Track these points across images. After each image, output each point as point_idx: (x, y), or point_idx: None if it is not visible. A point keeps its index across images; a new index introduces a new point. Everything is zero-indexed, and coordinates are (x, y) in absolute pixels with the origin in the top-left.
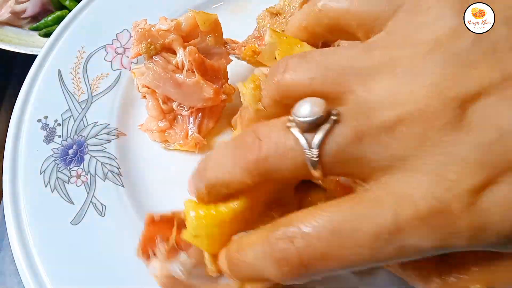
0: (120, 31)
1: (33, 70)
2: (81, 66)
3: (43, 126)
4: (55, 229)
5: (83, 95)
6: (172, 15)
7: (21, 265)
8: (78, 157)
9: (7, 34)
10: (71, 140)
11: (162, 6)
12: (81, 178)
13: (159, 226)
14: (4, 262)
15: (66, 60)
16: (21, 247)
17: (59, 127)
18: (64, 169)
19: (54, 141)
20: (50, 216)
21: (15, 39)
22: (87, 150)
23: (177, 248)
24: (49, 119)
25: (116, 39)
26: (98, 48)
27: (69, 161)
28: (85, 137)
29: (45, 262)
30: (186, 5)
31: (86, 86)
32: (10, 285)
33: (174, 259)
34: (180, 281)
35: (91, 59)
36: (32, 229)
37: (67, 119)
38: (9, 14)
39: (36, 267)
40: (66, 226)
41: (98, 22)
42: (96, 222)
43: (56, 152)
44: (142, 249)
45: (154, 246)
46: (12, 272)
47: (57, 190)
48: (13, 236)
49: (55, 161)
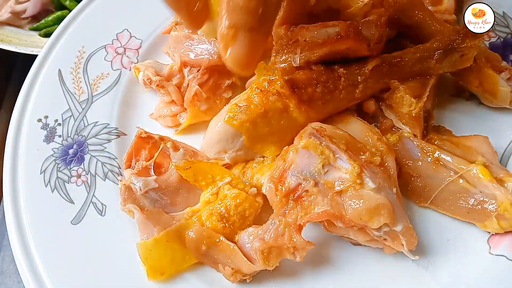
0: (120, 31)
1: (33, 70)
2: (81, 66)
3: (43, 125)
4: (55, 229)
5: (83, 95)
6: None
7: (21, 265)
8: (79, 156)
9: (7, 34)
10: (71, 139)
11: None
12: (81, 178)
13: (147, 144)
14: (4, 262)
15: (66, 60)
16: (21, 247)
17: (59, 126)
18: (64, 169)
19: (54, 140)
20: (50, 216)
21: (15, 39)
22: (87, 150)
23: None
24: (49, 119)
25: (116, 39)
26: (98, 48)
27: (69, 160)
28: (86, 136)
29: (45, 262)
30: None
31: (86, 86)
32: (10, 285)
33: (143, 177)
34: (133, 195)
35: (91, 59)
36: (32, 229)
37: (67, 119)
38: (9, 14)
39: (36, 267)
40: (66, 226)
41: (98, 22)
42: (96, 222)
43: (57, 152)
44: (128, 156)
45: (138, 158)
46: (12, 272)
47: (57, 189)
48: (13, 236)
49: (56, 161)
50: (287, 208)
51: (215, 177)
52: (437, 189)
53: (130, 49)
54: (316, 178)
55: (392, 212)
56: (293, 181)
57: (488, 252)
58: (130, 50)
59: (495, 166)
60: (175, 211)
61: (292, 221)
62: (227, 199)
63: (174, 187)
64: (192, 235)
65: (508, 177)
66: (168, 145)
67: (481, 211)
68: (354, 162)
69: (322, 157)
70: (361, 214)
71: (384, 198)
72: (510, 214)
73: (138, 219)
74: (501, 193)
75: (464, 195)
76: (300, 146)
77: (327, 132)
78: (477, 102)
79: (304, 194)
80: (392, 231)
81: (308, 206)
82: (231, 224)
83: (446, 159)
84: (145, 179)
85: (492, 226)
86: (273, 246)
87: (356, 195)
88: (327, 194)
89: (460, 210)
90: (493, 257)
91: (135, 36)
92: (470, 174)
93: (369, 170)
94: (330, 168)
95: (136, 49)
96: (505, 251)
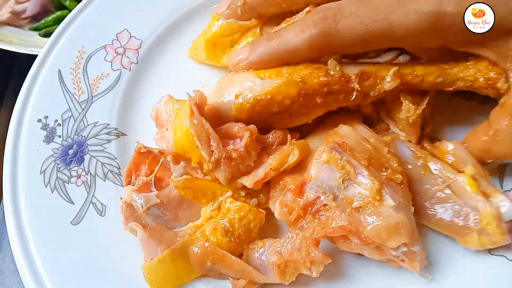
0: (120, 31)
1: (33, 70)
2: (81, 66)
3: (43, 126)
4: (55, 229)
5: (83, 95)
6: (171, 15)
7: (21, 265)
8: (78, 157)
9: (7, 34)
10: (71, 140)
11: (162, 6)
12: (81, 178)
13: (147, 158)
14: (4, 262)
15: (66, 60)
16: (21, 247)
17: (59, 127)
18: (64, 169)
19: (54, 141)
20: (50, 216)
21: (15, 39)
22: (87, 150)
23: (152, 184)
24: (49, 119)
25: (116, 39)
26: (98, 48)
27: (69, 161)
28: (85, 137)
29: (45, 262)
30: (186, 5)
31: (86, 86)
32: (10, 284)
33: (144, 193)
34: (135, 213)
35: (91, 59)
36: (32, 229)
37: (67, 119)
38: (9, 14)
39: (36, 267)
40: (66, 226)
41: (98, 22)
42: (96, 222)
43: (56, 152)
44: (128, 172)
45: (138, 174)
46: (12, 271)
47: (57, 190)
48: (13, 236)
49: (55, 161)
50: (305, 222)
51: (215, 193)
52: (424, 195)
53: (130, 49)
54: (336, 192)
55: (411, 232)
56: (312, 194)
57: (488, 252)
58: (130, 50)
59: (483, 180)
60: (179, 226)
61: (309, 235)
62: (231, 213)
63: (176, 202)
64: (196, 251)
65: (495, 192)
66: (168, 159)
67: (463, 224)
68: (374, 178)
69: (342, 172)
70: (379, 232)
71: (404, 217)
72: (493, 228)
73: (141, 238)
74: (485, 205)
75: (448, 206)
76: (322, 161)
77: (350, 144)
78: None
79: (322, 208)
80: (410, 251)
81: (326, 221)
82: (236, 238)
83: (434, 166)
84: (147, 195)
85: (472, 241)
86: (290, 260)
87: (375, 212)
88: (345, 209)
89: (441, 221)
90: (493, 257)
91: (135, 36)
92: (457, 184)
93: (390, 187)
94: (350, 183)
95: (136, 49)
96: (505, 251)
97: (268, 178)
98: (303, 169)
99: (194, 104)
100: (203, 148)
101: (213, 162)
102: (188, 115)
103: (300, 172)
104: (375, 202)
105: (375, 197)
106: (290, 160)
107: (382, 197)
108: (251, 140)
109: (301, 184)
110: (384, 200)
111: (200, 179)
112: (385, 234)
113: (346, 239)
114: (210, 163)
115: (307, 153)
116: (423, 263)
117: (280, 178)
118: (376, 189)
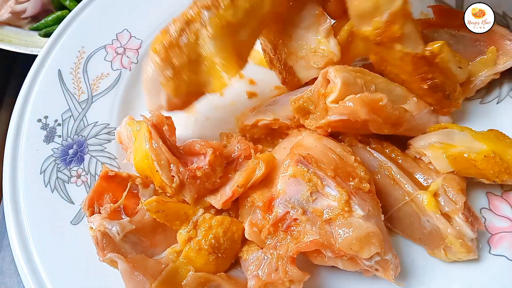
0: (120, 31)
1: (33, 70)
2: (81, 66)
3: (43, 126)
4: (55, 229)
5: (83, 95)
6: (171, 15)
7: (21, 265)
8: (78, 157)
9: (7, 34)
10: (71, 140)
11: (162, 6)
12: (81, 178)
13: (111, 185)
14: (4, 262)
15: (66, 60)
16: (21, 247)
17: (59, 127)
18: (64, 169)
19: (54, 141)
20: (50, 216)
21: (15, 39)
22: (87, 150)
23: (121, 211)
24: (49, 119)
25: (116, 39)
26: (98, 48)
27: (69, 161)
28: (85, 137)
29: (45, 262)
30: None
31: (86, 86)
32: (10, 285)
33: (115, 220)
34: (112, 241)
35: (91, 59)
36: (32, 229)
37: (67, 119)
38: (9, 14)
39: (36, 267)
40: (66, 226)
41: (98, 22)
42: None
43: (56, 152)
44: (90, 201)
45: (101, 203)
46: (12, 272)
47: (57, 190)
48: (13, 236)
49: (55, 161)
50: (278, 240)
51: (188, 213)
52: (393, 205)
53: (130, 49)
54: (304, 206)
55: (382, 240)
56: (280, 209)
57: (488, 252)
58: (130, 50)
59: (446, 196)
60: (157, 253)
61: (284, 253)
62: (213, 229)
63: (150, 227)
64: (188, 282)
65: (457, 211)
66: (137, 182)
67: (431, 239)
68: (342, 189)
69: (310, 185)
70: (351, 244)
71: (374, 226)
72: (457, 248)
73: (123, 270)
74: (444, 226)
75: (417, 220)
76: (288, 175)
77: (316, 155)
78: None
79: (293, 224)
80: (383, 260)
81: (298, 236)
82: (223, 253)
83: (399, 179)
84: (121, 222)
85: (440, 255)
86: (268, 282)
87: (345, 223)
88: (316, 223)
89: (412, 233)
90: (493, 257)
91: (135, 36)
92: (418, 201)
93: (358, 196)
94: (318, 195)
95: (136, 49)
96: (505, 251)
97: (236, 196)
98: (270, 184)
99: (151, 126)
100: (163, 174)
101: (175, 188)
102: (147, 138)
103: (268, 186)
104: (344, 213)
105: (344, 208)
106: (257, 174)
107: (351, 208)
108: (215, 156)
109: (269, 200)
110: (353, 211)
111: (171, 202)
112: (357, 245)
113: (319, 253)
114: (171, 188)
115: (273, 166)
116: (397, 271)
117: (248, 194)
118: (344, 200)
